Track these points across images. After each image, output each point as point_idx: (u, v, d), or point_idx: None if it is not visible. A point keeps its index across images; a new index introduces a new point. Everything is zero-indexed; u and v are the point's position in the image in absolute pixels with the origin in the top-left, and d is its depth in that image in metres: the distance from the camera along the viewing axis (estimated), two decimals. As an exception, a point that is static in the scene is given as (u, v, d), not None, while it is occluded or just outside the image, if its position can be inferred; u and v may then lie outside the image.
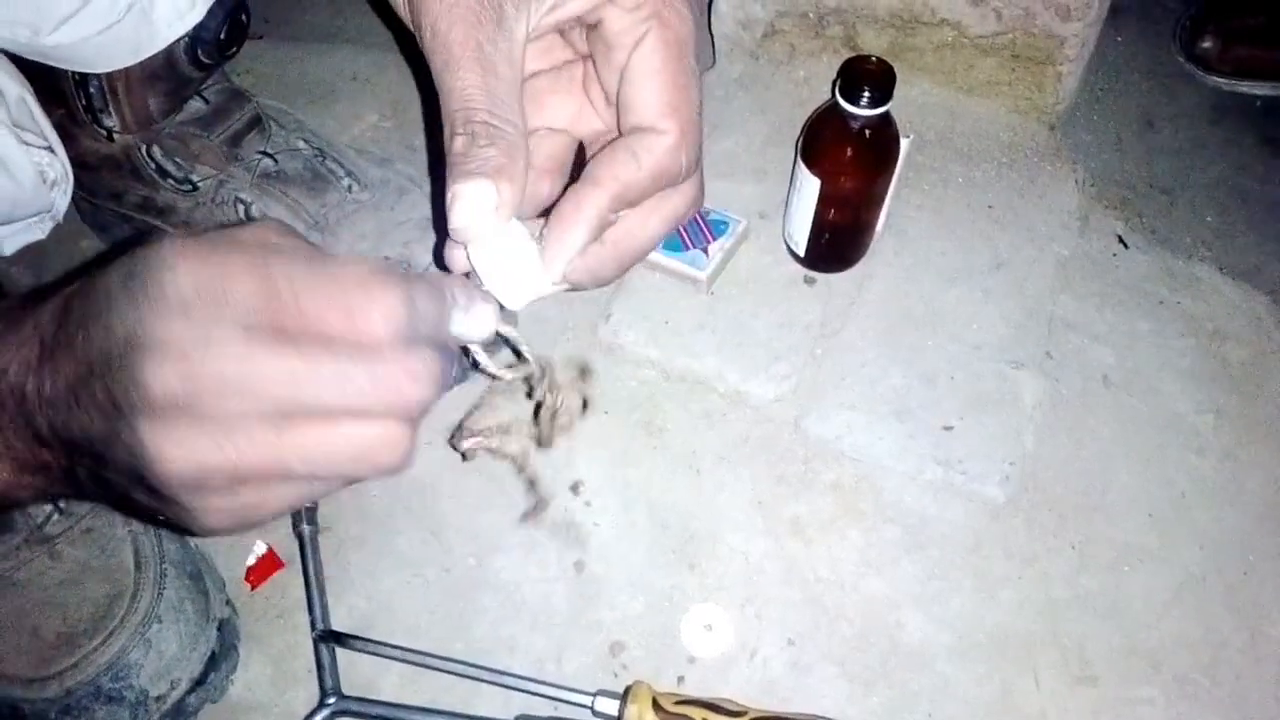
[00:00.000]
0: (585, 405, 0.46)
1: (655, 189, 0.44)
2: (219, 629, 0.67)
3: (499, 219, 0.40)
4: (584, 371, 0.44)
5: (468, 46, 0.40)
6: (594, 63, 0.47)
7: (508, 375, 0.42)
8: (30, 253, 0.80)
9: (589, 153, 0.47)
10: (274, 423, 0.33)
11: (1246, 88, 1.05)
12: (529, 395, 0.45)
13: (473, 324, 0.37)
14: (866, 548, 0.71)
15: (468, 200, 0.39)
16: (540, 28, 0.44)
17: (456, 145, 0.39)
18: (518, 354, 0.43)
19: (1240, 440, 0.76)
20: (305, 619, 0.69)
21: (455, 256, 0.42)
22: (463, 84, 0.40)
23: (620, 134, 0.44)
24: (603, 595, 0.70)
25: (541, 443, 0.45)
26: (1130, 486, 0.74)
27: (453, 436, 0.50)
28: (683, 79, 0.43)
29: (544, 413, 0.45)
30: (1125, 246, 0.86)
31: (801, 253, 0.80)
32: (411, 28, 0.44)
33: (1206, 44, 1.05)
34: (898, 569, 0.70)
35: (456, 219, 0.39)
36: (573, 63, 0.48)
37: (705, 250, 0.80)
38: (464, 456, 0.47)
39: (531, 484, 0.50)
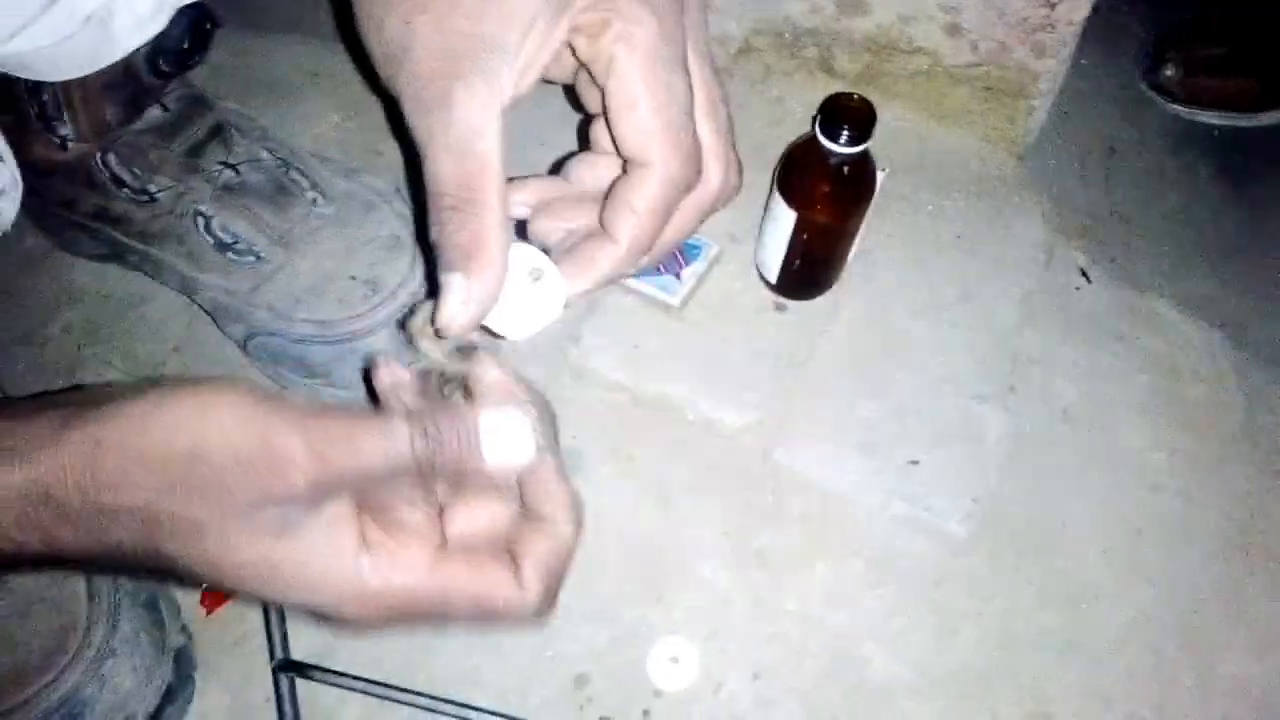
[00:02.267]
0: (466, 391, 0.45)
1: (667, 213, 0.45)
2: (175, 659, 0.65)
3: (471, 310, 0.42)
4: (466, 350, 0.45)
5: (435, 135, 0.41)
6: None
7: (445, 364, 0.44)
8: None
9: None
10: None
11: (1205, 117, 1.07)
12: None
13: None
14: (833, 581, 0.72)
15: (445, 295, 0.42)
16: (524, 88, 0.44)
17: (431, 235, 0.42)
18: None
19: (1193, 478, 0.78)
20: (263, 646, 0.68)
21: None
22: (434, 171, 0.41)
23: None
24: (568, 626, 0.70)
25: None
26: (1087, 523, 0.75)
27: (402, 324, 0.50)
28: (658, 96, 0.43)
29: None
30: (1088, 280, 0.87)
31: (773, 280, 0.80)
32: (394, 93, 0.44)
33: (1168, 71, 1.07)
34: (863, 603, 0.71)
35: (439, 319, 0.42)
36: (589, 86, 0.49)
37: (678, 275, 0.79)
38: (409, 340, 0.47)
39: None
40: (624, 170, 0.45)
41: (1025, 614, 0.71)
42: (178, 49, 0.67)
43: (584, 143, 0.50)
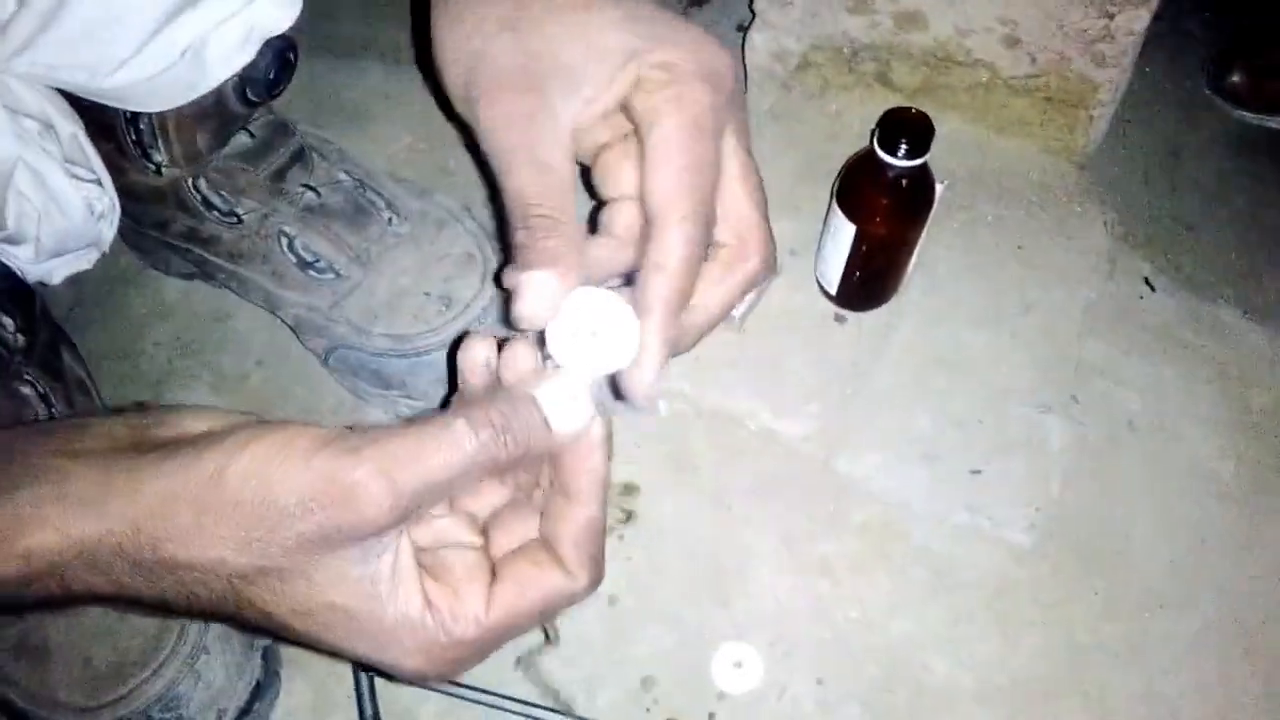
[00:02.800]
0: None
1: (694, 270, 0.45)
2: (263, 657, 0.69)
3: (556, 302, 0.43)
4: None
5: (519, 150, 0.43)
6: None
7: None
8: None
9: None
10: None
11: (1273, 123, 1.06)
12: None
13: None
14: (894, 590, 0.73)
15: (528, 289, 0.42)
16: (584, 118, 0.46)
17: (517, 238, 0.43)
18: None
19: (1260, 487, 0.77)
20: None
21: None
22: (518, 185, 0.43)
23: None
24: (635, 629, 0.72)
25: None
26: (1153, 533, 0.75)
27: None
28: (690, 161, 0.44)
29: None
30: (1152, 289, 0.87)
31: (833, 291, 0.81)
32: (467, 118, 0.46)
33: (1235, 78, 1.06)
34: (925, 611, 0.72)
35: (519, 308, 0.42)
36: (615, 142, 0.50)
37: (739, 288, 0.81)
38: None
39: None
40: (649, 237, 0.46)
41: (1089, 624, 0.72)
42: (264, 79, 0.71)
43: (593, 229, 0.51)
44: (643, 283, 0.44)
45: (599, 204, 0.51)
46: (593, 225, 0.51)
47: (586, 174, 0.51)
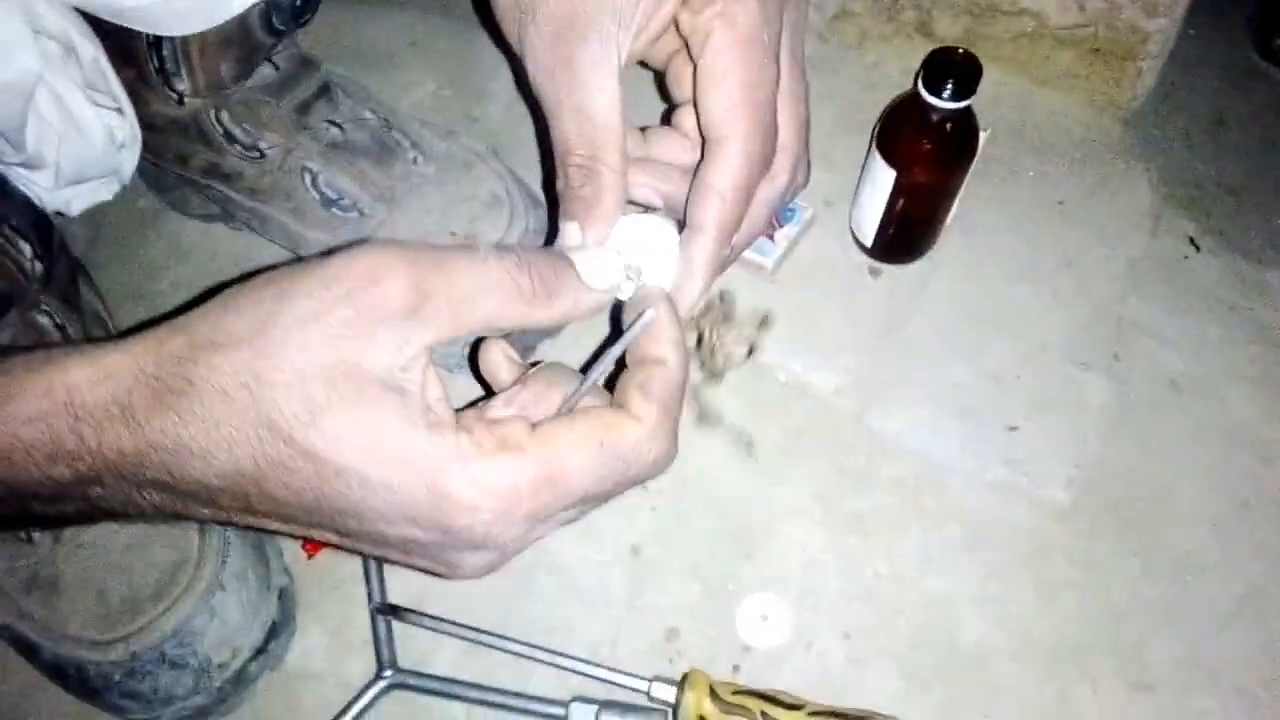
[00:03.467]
0: (750, 351, 0.50)
1: (749, 193, 0.46)
2: (279, 598, 0.68)
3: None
4: (765, 321, 0.52)
5: (562, 100, 0.44)
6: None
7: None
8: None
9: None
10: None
11: (1321, 88, 1.03)
12: (697, 325, 0.48)
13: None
14: (927, 545, 0.71)
15: (564, 239, 0.45)
16: (638, 48, 0.46)
17: (558, 186, 0.45)
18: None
19: (1308, 452, 0.75)
20: (362, 591, 0.70)
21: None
22: (562, 131, 0.45)
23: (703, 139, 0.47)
24: (659, 580, 0.70)
25: (711, 373, 0.48)
26: (1194, 495, 0.73)
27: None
28: (745, 78, 0.44)
29: (704, 347, 0.51)
30: (1197, 249, 0.84)
31: (868, 243, 0.79)
32: (518, 52, 0.47)
33: (1281, 41, 1.03)
34: (958, 568, 0.70)
35: (572, 239, 0.45)
36: (677, 52, 0.49)
37: (771, 237, 0.79)
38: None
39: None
40: (702, 155, 0.46)
41: (1128, 584, 0.69)
42: (290, 5, 0.69)
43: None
44: (696, 202, 0.45)
45: (671, 107, 0.52)
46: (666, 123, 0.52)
47: (661, 80, 0.52)
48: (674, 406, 0.41)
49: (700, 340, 0.50)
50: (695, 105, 0.46)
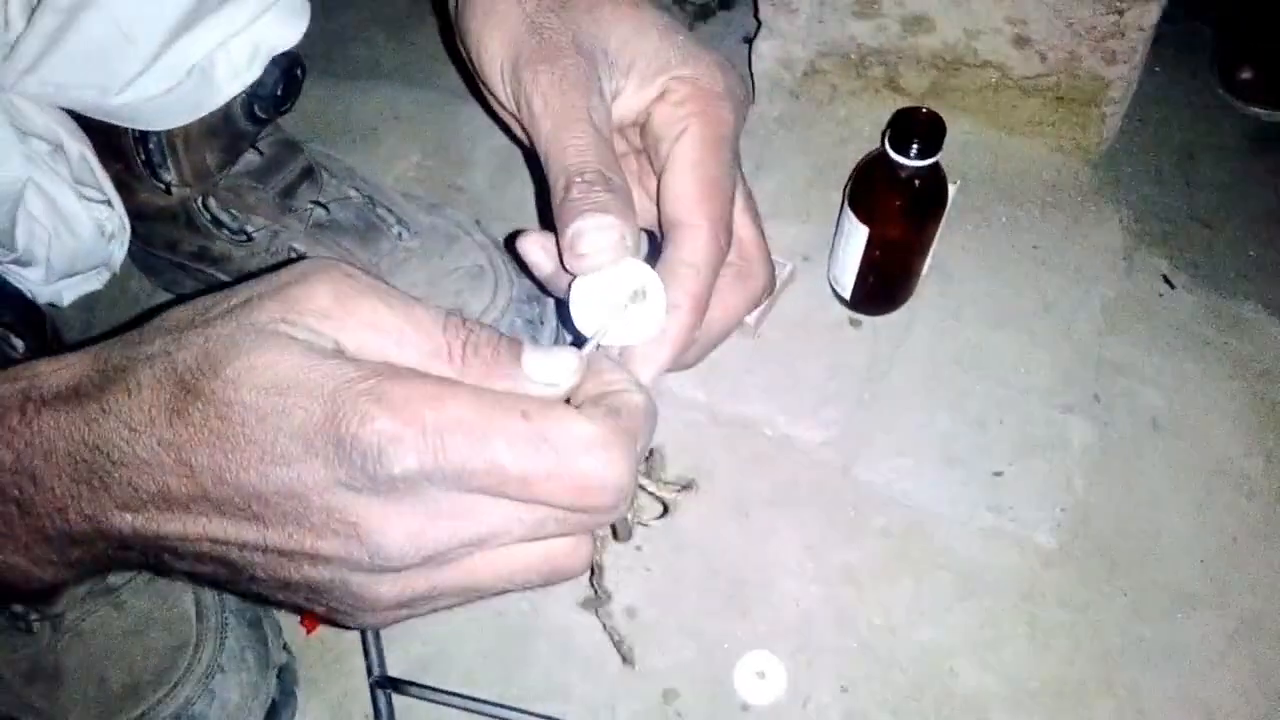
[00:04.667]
0: (665, 510, 0.45)
1: (715, 276, 0.46)
2: (279, 676, 0.68)
3: (619, 252, 0.42)
4: (686, 486, 0.44)
5: (580, 110, 0.43)
6: (647, 156, 0.50)
7: None
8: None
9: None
10: (485, 558, 0.37)
11: (1287, 118, 1.05)
12: None
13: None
14: (918, 595, 0.71)
15: (592, 234, 0.42)
16: (617, 114, 0.47)
17: (574, 192, 0.42)
18: None
19: (1291, 483, 0.76)
20: (361, 664, 0.70)
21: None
22: (579, 142, 0.43)
23: (660, 225, 0.47)
24: (655, 641, 0.71)
25: (616, 534, 0.44)
26: (1182, 531, 0.74)
27: None
28: (716, 173, 0.45)
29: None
30: (1171, 286, 0.85)
31: (847, 296, 0.80)
32: (511, 101, 0.47)
33: (1246, 74, 1.05)
34: (950, 616, 0.70)
35: (584, 247, 0.42)
36: (626, 155, 0.51)
37: (752, 294, 0.80)
38: None
39: (595, 572, 0.49)
40: (665, 239, 0.47)
41: (1120, 625, 0.70)
42: (272, 95, 0.71)
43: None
44: (669, 279, 0.44)
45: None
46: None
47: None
48: (637, 432, 0.36)
49: None
50: (662, 192, 0.47)
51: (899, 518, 0.74)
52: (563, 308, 0.45)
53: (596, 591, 0.49)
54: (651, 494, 0.44)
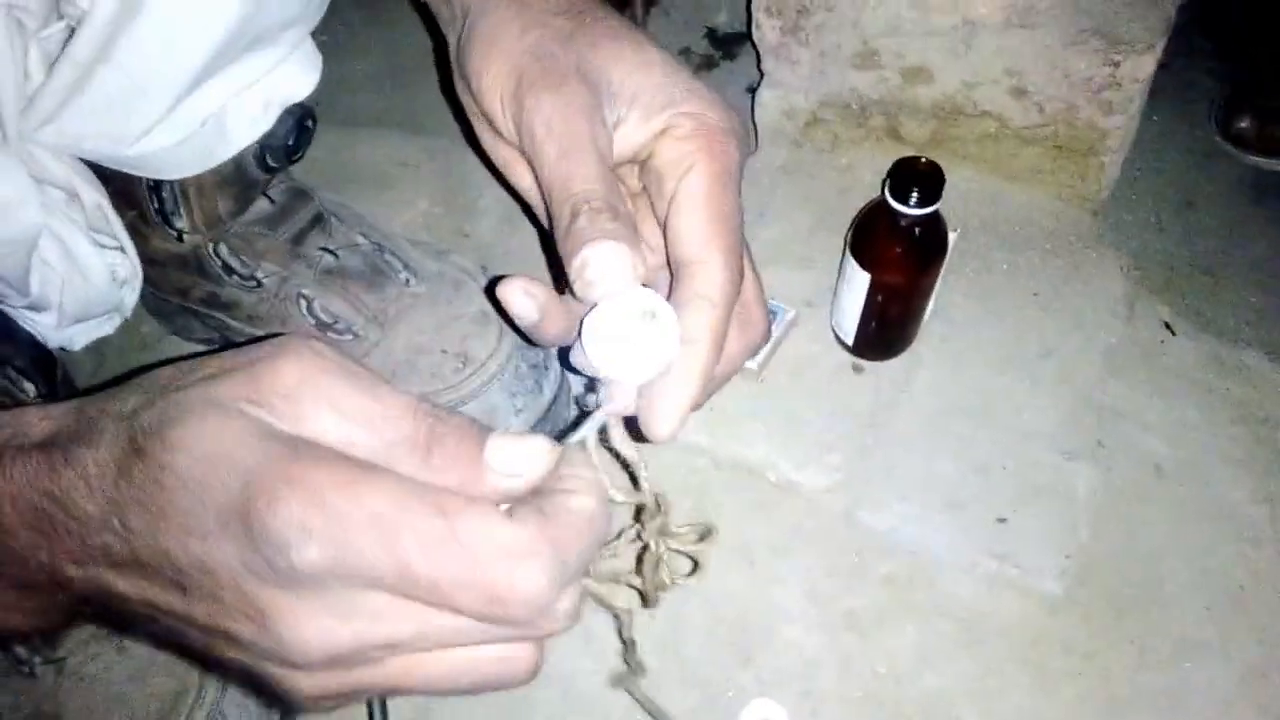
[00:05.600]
0: (695, 568, 0.44)
1: (731, 311, 0.45)
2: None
3: (629, 279, 0.41)
4: (706, 534, 0.43)
5: (585, 136, 0.42)
6: (648, 194, 0.49)
7: (619, 498, 0.39)
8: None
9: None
10: (404, 661, 0.35)
11: (1285, 167, 1.06)
12: (638, 536, 0.43)
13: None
14: (923, 643, 0.71)
15: (602, 260, 0.40)
16: (618, 148, 0.46)
17: (581, 220, 0.41)
18: (634, 480, 0.41)
19: (1297, 531, 0.76)
20: (363, 711, 0.70)
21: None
22: (585, 169, 0.42)
23: (669, 262, 0.46)
24: (658, 689, 0.70)
25: (646, 600, 0.43)
26: (1187, 579, 0.73)
27: None
28: (725, 208, 0.44)
29: (648, 560, 0.43)
30: (1173, 333, 0.86)
31: (850, 341, 0.81)
32: (512, 129, 0.45)
33: (1243, 124, 1.07)
34: (955, 665, 0.70)
35: (593, 273, 0.40)
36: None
37: (755, 340, 0.81)
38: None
39: (629, 646, 0.48)
40: (675, 276, 0.45)
41: (1127, 673, 0.69)
42: (284, 145, 0.72)
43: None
44: (685, 313, 0.43)
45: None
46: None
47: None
48: (569, 541, 0.34)
49: (641, 557, 0.43)
50: (671, 228, 0.45)
51: (903, 564, 0.74)
52: (563, 354, 0.44)
53: (630, 665, 0.48)
54: (676, 551, 0.43)
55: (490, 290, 0.50)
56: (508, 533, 0.32)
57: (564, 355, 0.46)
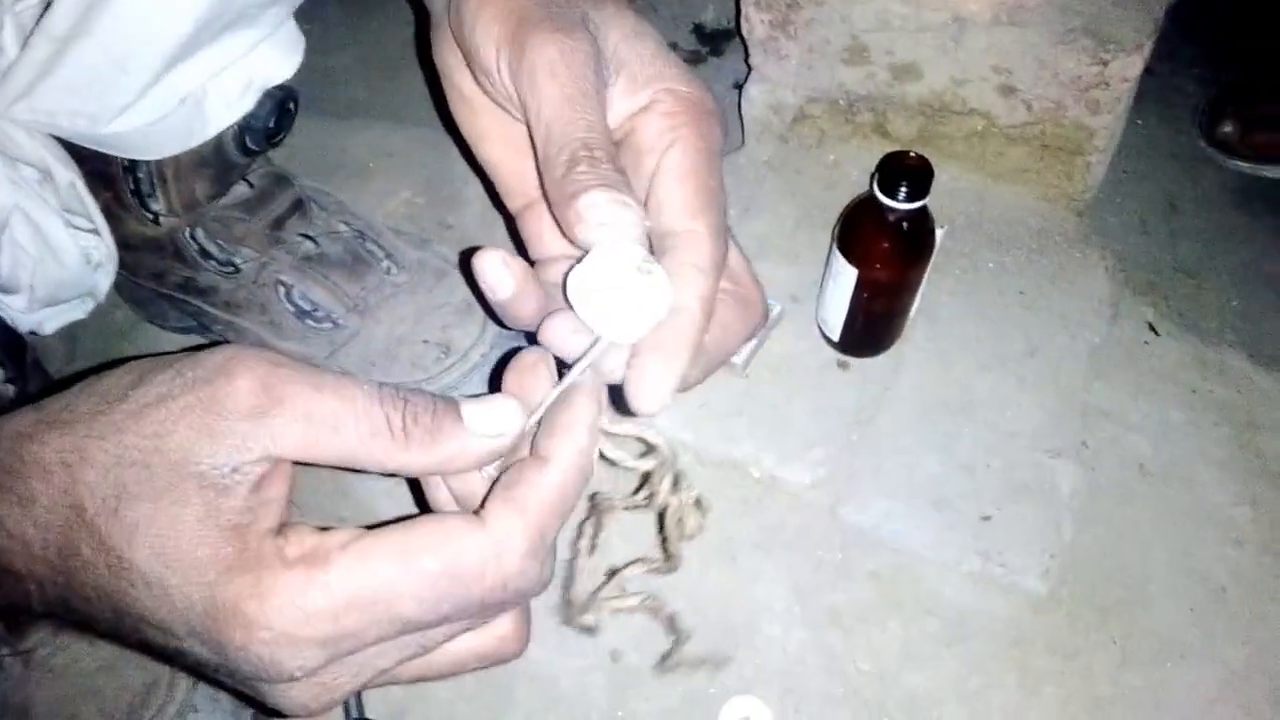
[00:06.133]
0: (699, 503, 0.44)
1: (719, 278, 0.43)
2: (252, 717, 0.66)
3: (635, 230, 0.39)
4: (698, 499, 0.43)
5: (591, 85, 0.40)
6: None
7: (643, 465, 0.41)
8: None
9: None
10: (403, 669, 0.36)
11: (1268, 172, 1.07)
12: (648, 500, 0.43)
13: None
14: (907, 640, 0.70)
15: (608, 205, 0.38)
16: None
17: (582, 167, 0.39)
18: (646, 445, 0.41)
19: (1278, 533, 0.75)
20: (339, 708, 0.68)
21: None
22: (590, 118, 0.40)
23: (650, 238, 0.43)
24: (640, 686, 0.69)
25: (669, 560, 0.44)
26: (1170, 579, 0.73)
27: (568, 619, 0.47)
28: (713, 183, 0.43)
29: (670, 519, 0.43)
30: (1156, 334, 0.86)
31: (835, 338, 0.80)
32: (506, 78, 0.43)
33: (1227, 129, 1.07)
34: (938, 663, 0.69)
35: (599, 215, 0.38)
36: None
37: (740, 335, 0.80)
38: (591, 631, 0.46)
39: (672, 622, 0.50)
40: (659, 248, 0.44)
41: (1110, 673, 0.69)
42: (264, 128, 0.71)
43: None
44: (675, 281, 0.40)
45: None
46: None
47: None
48: (541, 515, 0.35)
49: (663, 516, 0.43)
50: (658, 199, 0.43)
51: (887, 561, 0.73)
52: (532, 339, 0.42)
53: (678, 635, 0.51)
54: (691, 501, 0.43)
55: (467, 268, 0.48)
56: (486, 542, 0.34)
57: (533, 340, 0.43)
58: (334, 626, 0.32)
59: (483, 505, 0.35)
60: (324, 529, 0.35)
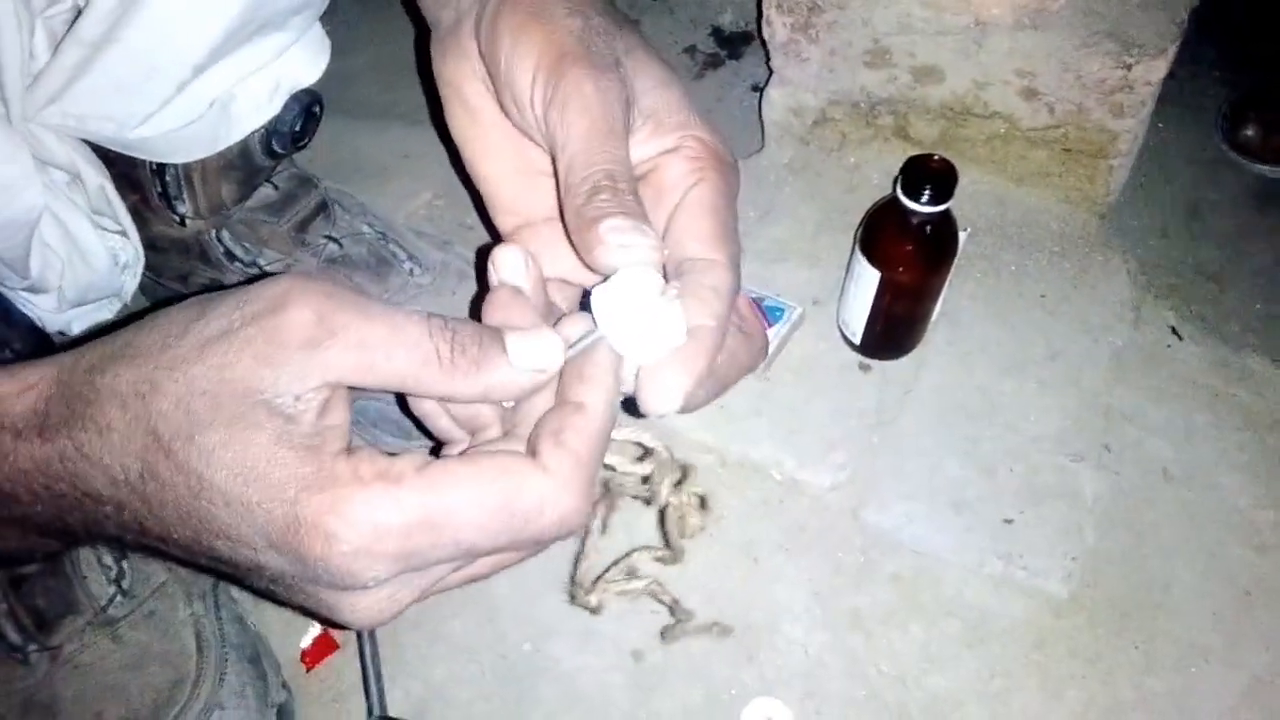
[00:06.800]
0: (704, 503, 0.45)
1: (732, 309, 0.44)
2: (278, 714, 0.67)
3: (654, 257, 0.40)
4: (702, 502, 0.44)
5: (620, 124, 0.42)
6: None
7: (641, 470, 0.42)
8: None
9: None
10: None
11: (1291, 176, 1.06)
12: (647, 501, 0.44)
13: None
14: (928, 642, 0.70)
15: (630, 231, 0.40)
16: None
17: (605, 195, 0.41)
18: (644, 449, 0.43)
19: (1303, 537, 0.75)
20: (361, 703, 0.69)
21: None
22: (617, 152, 0.42)
23: (665, 268, 0.45)
24: (661, 686, 0.70)
25: (672, 552, 0.44)
26: (1193, 584, 0.73)
27: (574, 596, 0.50)
28: (731, 224, 0.45)
29: (670, 517, 0.44)
30: (1179, 338, 0.86)
31: (857, 340, 0.80)
32: (539, 105, 0.44)
33: (1249, 132, 1.06)
34: (960, 665, 0.69)
35: (622, 239, 0.40)
36: None
37: (761, 337, 0.80)
38: (594, 611, 0.48)
39: (674, 607, 0.52)
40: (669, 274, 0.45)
41: (1132, 677, 0.69)
42: (290, 131, 0.72)
43: None
44: (693, 302, 0.42)
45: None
46: None
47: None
48: (590, 459, 0.38)
49: (664, 514, 0.45)
50: (677, 229, 0.44)
51: (908, 563, 0.73)
52: None
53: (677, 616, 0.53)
54: (692, 497, 0.44)
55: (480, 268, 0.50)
56: (547, 484, 0.36)
57: None
58: (405, 543, 0.35)
59: (529, 447, 0.38)
60: (390, 454, 0.36)
